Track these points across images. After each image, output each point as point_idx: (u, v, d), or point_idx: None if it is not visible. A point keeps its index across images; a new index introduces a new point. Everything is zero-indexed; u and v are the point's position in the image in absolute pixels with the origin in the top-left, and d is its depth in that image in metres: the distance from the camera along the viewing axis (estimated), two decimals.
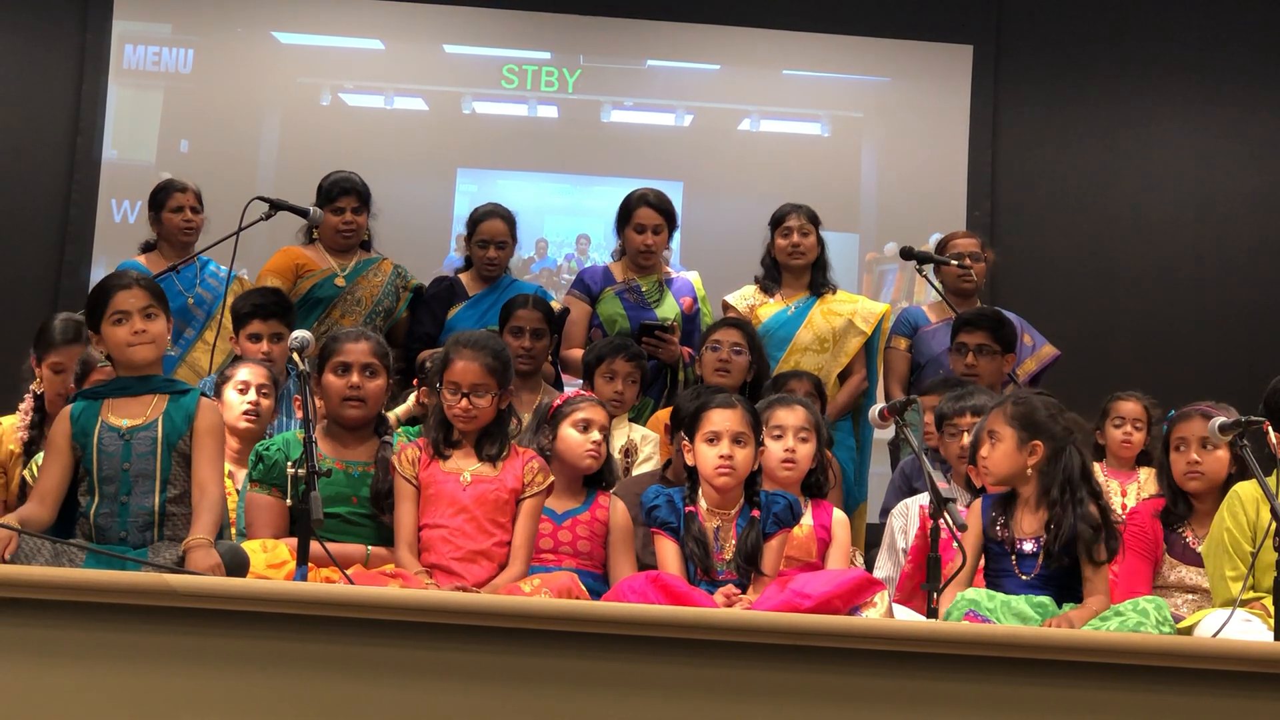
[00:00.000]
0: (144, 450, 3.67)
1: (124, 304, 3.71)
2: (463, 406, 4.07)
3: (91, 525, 3.64)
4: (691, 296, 5.88)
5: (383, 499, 4.11)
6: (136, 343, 3.72)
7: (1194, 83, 8.11)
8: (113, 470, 3.65)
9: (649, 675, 3.13)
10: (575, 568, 4.18)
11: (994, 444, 3.99)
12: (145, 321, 3.71)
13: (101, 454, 3.65)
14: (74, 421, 3.70)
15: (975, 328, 5.43)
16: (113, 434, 3.67)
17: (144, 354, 3.73)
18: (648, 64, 8.16)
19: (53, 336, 4.82)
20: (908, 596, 4.16)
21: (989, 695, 3.14)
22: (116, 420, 3.69)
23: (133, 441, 3.67)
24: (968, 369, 5.36)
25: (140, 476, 3.66)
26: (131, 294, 3.72)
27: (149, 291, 3.75)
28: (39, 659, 3.05)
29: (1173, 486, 4.54)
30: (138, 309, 3.71)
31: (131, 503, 3.64)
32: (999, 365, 5.41)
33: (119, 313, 3.71)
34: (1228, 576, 4.14)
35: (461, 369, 4.08)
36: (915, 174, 8.03)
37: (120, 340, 3.73)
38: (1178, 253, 8.00)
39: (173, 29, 7.92)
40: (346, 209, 5.76)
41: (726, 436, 4.09)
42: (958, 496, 4.04)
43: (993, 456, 3.99)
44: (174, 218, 5.84)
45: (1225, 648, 3.32)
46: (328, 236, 5.76)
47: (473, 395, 4.07)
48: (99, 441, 3.66)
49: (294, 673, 3.09)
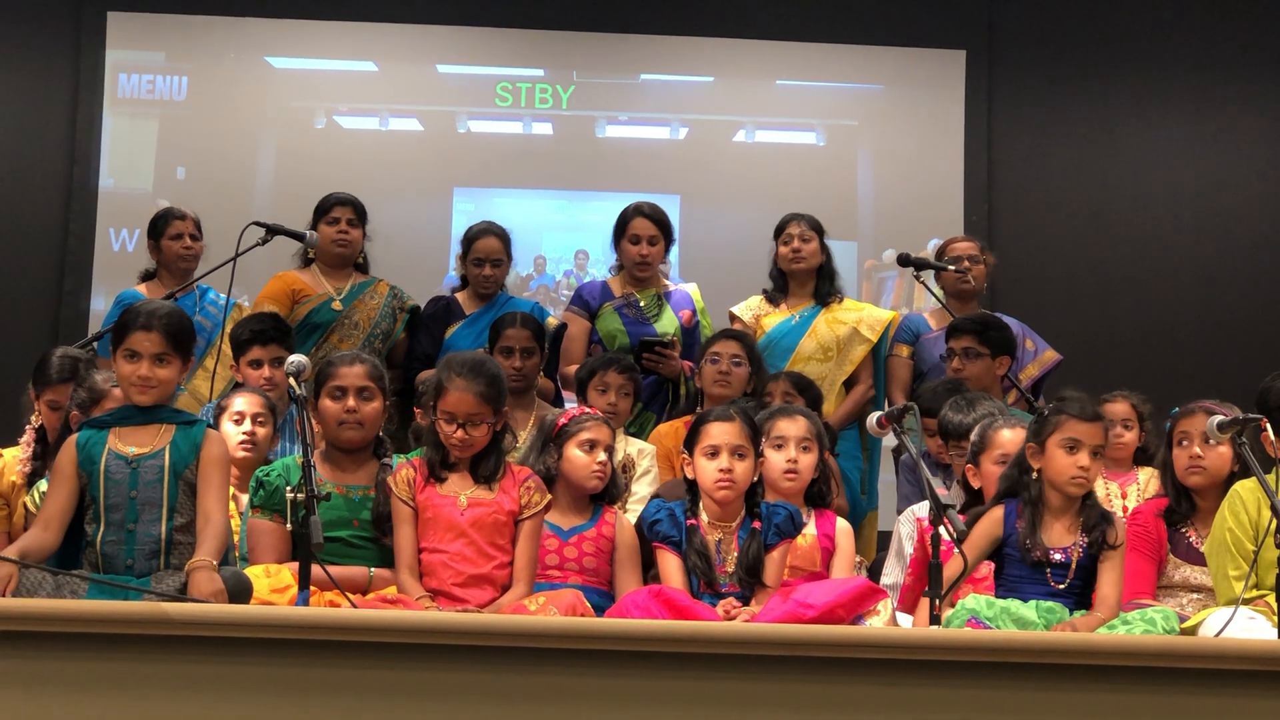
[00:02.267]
0: (151, 478, 3.67)
1: (137, 344, 3.70)
2: (459, 437, 4.06)
3: (98, 554, 3.64)
4: (690, 309, 5.88)
5: (384, 522, 4.10)
6: (139, 386, 3.71)
7: (1188, 83, 8.11)
8: (120, 498, 3.65)
9: (654, 690, 3.13)
10: (581, 584, 4.17)
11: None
12: (154, 367, 3.70)
13: (109, 481, 3.65)
14: (80, 449, 3.70)
15: (962, 332, 5.45)
16: (120, 462, 3.67)
17: (142, 399, 3.73)
18: (641, 78, 8.17)
19: (50, 373, 4.84)
20: (911, 606, 4.15)
21: (994, 701, 3.14)
22: (124, 448, 3.69)
23: (140, 470, 3.67)
24: (954, 374, 5.38)
25: (147, 504, 3.66)
26: (148, 337, 3.70)
27: (166, 335, 3.70)
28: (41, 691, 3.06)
29: (1176, 484, 4.53)
30: (150, 353, 3.70)
31: (139, 530, 3.64)
32: (988, 367, 5.40)
33: (131, 351, 3.71)
34: (1230, 576, 4.14)
35: (455, 400, 4.06)
36: (911, 180, 8.04)
37: (125, 377, 3.74)
38: (1175, 254, 8.00)
39: (166, 57, 7.94)
40: (341, 219, 5.77)
41: (726, 450, 4.09)
42: (956, 502, 4.03)
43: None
44: (173, 245, 5.84)
45: (1229, 647, 3.33)
46: (324, 250, 5.77)
47: (468, 425, 4.06)
48: (106, 469, 3.66)
49: (298, 698, 3.09)
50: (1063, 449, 3.95)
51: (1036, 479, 4.00)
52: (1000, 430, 4.32)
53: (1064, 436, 3.95)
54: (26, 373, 4.99)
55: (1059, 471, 3.95)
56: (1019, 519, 3.98)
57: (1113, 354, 7.69)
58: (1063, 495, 3.97)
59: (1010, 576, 3.97)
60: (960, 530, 3.65)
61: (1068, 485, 3.95)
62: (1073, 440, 3.95)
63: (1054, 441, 3.97)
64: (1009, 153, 8.06)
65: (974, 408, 4.74)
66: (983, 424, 4.44)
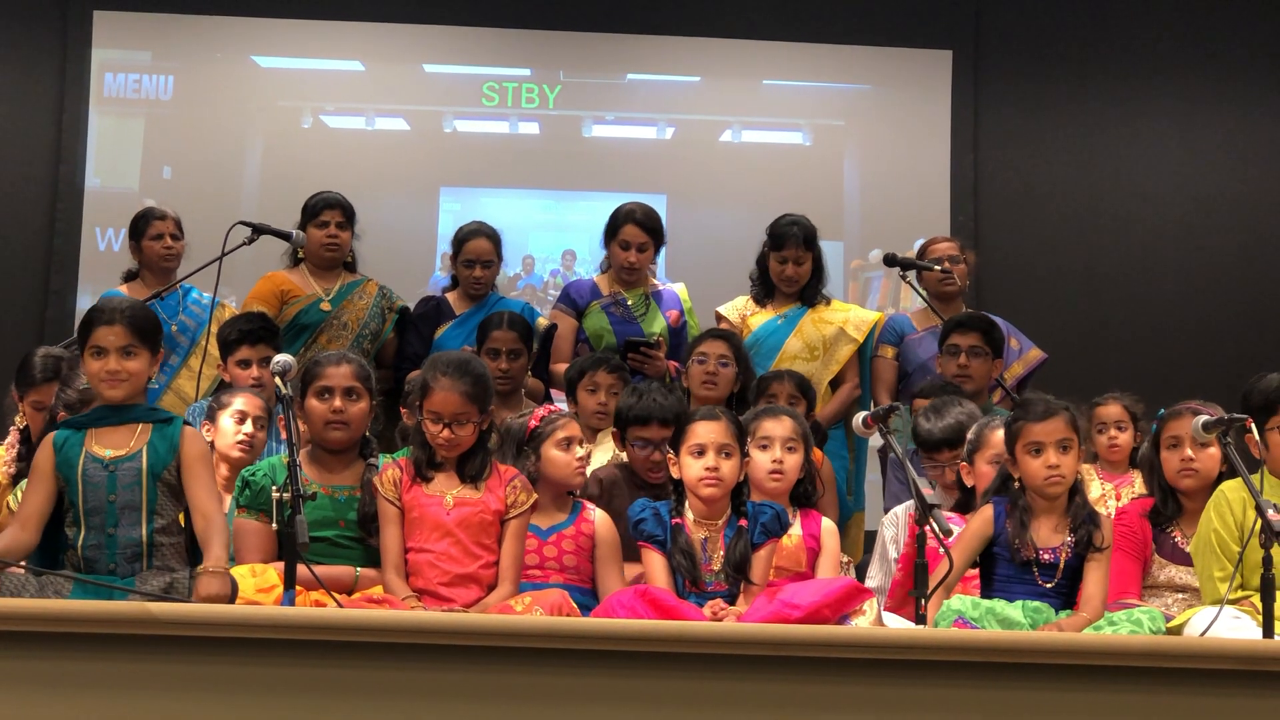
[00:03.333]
0: (129, 481, 3.65)
1: (102, 339, 3.68)
2: (445, 437, 4.06)
3: (80, 557, 3.62)
4: (678, 309, 5.88)
5: (370, 522, 4.10)
6: (108, 381, 3.68)
7: (1174, 83, 8.13)
8: (98, 502, 3.63)
9: (640, 690, 3.14)
10: (563, 583, 4.18)
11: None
12: (122, 360, 3.67)
13: (87, 485, 3.63)
14: (57, 451, 3.67)
15: (968, 329, 5.43)
16: (97, 465, 3.65)
17: (113, 394, 3.70)
18: (628, 78, 8.17)
19: (33, 374, 4.83)
20: (899, 604, 4.16)
21: (979, 701, 3.15)
22: (100, 451, 3.66)
23: (118, 473, 3.64)
24: (960, 369, 5.37)
25: (126, 508, 3.64)
26: (112, 330, 3.67)
27: (131, 328, 3.68)
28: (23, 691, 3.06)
29: (1163, 485, 4.54)
30: (115, 346, 3.67)
31: (119, 534, 3.62)
32: (989, 368, 5.41)
33: (97, 347, 3.69)
34: (1216, 577, 4.15)
35: (441, 400, 4.06)
36: (898, 181, 8.05)
37: (93, 375, 3.71)
38: (1161, 253, 8.02)
39: (152, 56, 7.93)
40: (331, 222, 5.77)
41: (712, 449, 4.09)
42: (942, 502, 4.04)
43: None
44: (154, 245, 5.83)
45: (1214, 647, 3.34)
46: (313, 252, 5.77)
47: (454, 425, 4.06)
48: (84, 473, 3.64)
49: (284, 698, 3.09)
50: (1029, 454, 3.99)
51: (1020, 488, 4.02)
52: (996, 430, 4.32)
53: (1026, 442, 3.99)
54: (10, 372, 4.98)
55: (1032, 476, 3.98)
56: (1009, 519, 3.99)
57: (1099, 353, 7.71)
58: (1045, 497, 3.98)
59: (998, 576, 3.98)
60: (946, 529, 3.66)
61: (1045, 487, 3.97)
62: (1035, 443, 3.98)
63: (1020, 449, 4.01)
64: (995, 153, 8.07)
65: (943, 416, 4.75)
66: (979, 423, 4.46)
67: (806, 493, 4.48)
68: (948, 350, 5.44)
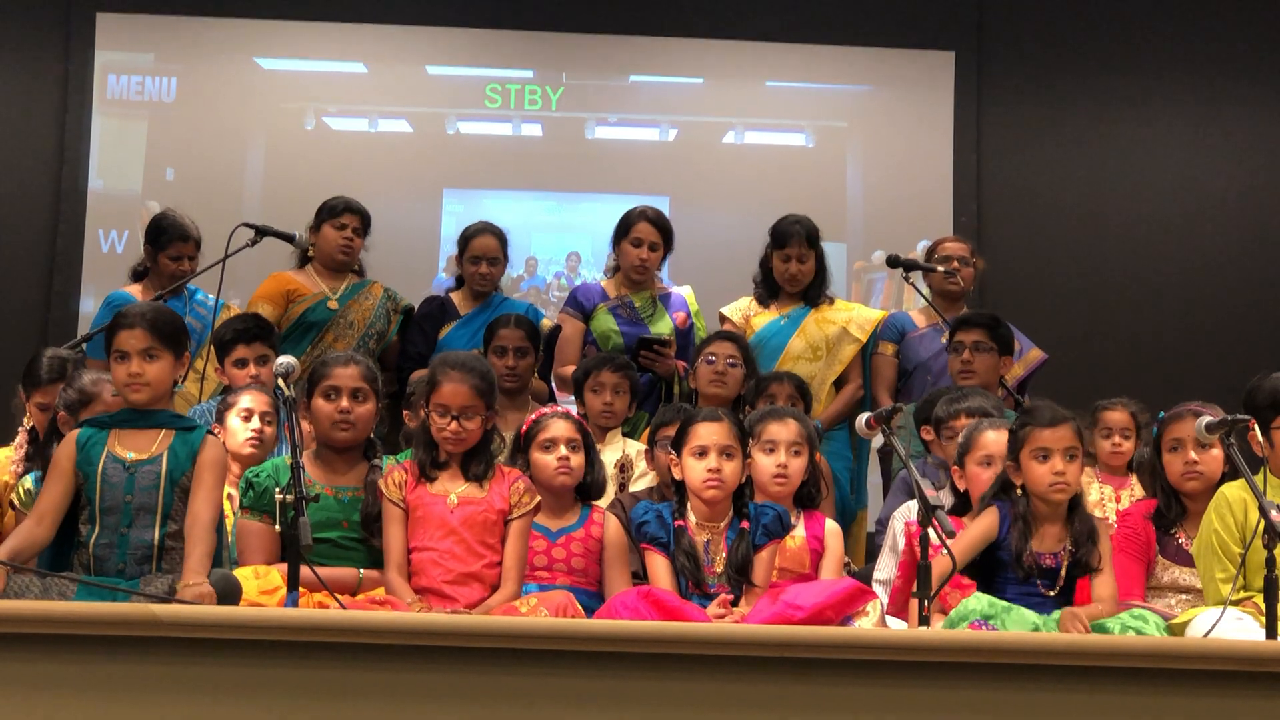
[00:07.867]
0: (147, 484, 3.67)
1: (124, 344, 3.71)
2: (452, 429, 4.07)
3: (90, 555, 3.64)
4: (685, 311, 5.89)
5: (373, 523, 4.11)
6: (131, 384, 3.72)
7: (1177, 84, 8.12)
8: (115, 501, 3.65)
9: (643, 691, 3.13)
10: (570, 585, 4.18)
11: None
12: (144, 363, 3.70)
13: (105, 484, 3.65)
14: (80, 449, 3.70)
15: (972, 325, 5.44)
16: (117, 465, 3.67)
17: (136, 398, 3.73)
18: (631, 79, 8.17)
19: (39, 375, 4.85)
20: (901, 609, 4.16)
21: (982, 702, 3.15)
22: (122, 452, 3.69)
23: (137, 475, 3.67)
24: (964, 365, 5.37)
25: (142, 510, 3.66)
26: (133, 334, 3.70)
27: (151, 330, 3.71)
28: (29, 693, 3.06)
29: (1166, 488, 4.53)
30: (137, 350, 3.70)
31: (131, 535, 3.64)
32: (995, 363, 5.40)
33: (119, 351, 3.72)
34: (1218, 578, 4.15)
35: (450, 391, 4.07)
36: (900, 182, 8.04)
37: (118, 379, 3.75)
38: (1164, 254, 8.01)
39: (155, 58, 7.93)
40: (349, 226, 5.81)
41: (714, 450, 4.10)
42: (945, 504, 4.04)
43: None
44: (170, 264, 5.79)
45: (1217, 648, 3.34)
46: (326, 251, 5.78)
47: (462, 418, 4.07)
48: (103, 472, 3.66)
49: (287, 700, 3.09)
50: (1035, 460, 3.99)
51: (1022, 494, 4.02)
52: (985, 432, 4.32)
53: (1033, 447, 4.00)
54: (16, 374, 4.99)
55: (1037, 482, 3.98)
56: (1012, 526, 3.99)
57: (1101, 354, 7.71)
58: (1049, 504, 3.99)
59: (999, 580, 3.98)
60: (949, 530, 3.66)
61: (1050, 493, 3.98)
62: (1043, 449, 3.99)
63: (1026, 454, 4.01)
64: (998, 154, 8.06)
65: (965, 399, 4.77)
66: (968, 426, 4.45)
67: (810, 494, 4.48)
68: (953, 347, 5.45)
